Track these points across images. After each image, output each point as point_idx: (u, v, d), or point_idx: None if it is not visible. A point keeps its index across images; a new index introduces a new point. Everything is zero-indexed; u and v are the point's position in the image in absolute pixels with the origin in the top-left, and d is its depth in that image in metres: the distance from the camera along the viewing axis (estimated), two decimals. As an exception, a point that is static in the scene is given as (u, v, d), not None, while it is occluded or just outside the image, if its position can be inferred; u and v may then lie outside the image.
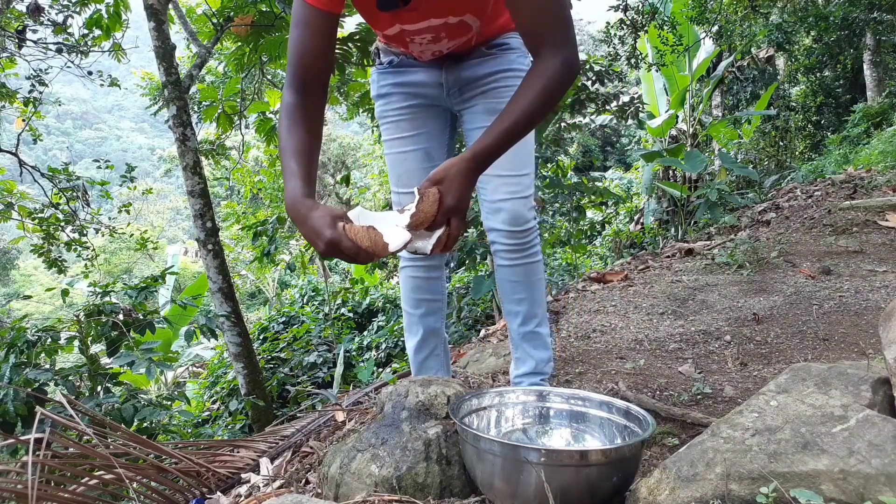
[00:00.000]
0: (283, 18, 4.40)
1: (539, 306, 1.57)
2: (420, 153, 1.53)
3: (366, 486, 1.11)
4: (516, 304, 1.56)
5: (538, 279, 1.55)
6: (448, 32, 1.35)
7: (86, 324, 2.50)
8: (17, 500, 1.04)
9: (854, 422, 0.87)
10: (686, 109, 8.75)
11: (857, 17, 6.99)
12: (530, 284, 1.54)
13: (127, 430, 1.45)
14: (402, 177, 1.54)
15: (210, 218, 4.15)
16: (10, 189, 6.25)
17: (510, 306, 1.57)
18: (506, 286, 1.56)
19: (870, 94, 9.24)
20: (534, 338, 1.58)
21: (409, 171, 1.53)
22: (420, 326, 1.65)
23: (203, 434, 3.88)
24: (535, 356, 1.58)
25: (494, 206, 1.48)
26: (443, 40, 1.37)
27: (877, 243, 3.19)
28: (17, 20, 5.98)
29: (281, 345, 6.04)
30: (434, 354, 1.67)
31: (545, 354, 1.59)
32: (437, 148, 1.56)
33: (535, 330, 1.57)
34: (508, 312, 1.59)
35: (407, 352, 1.72)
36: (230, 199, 13.29)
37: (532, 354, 1.58)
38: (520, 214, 1.46)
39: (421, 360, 1.66)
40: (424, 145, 1.53)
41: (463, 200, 1.06)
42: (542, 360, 1.58)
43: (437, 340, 1.67)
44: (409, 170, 1.52)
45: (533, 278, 1.54)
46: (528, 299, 1.55)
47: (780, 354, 1.93)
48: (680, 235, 6.22)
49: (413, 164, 1.52)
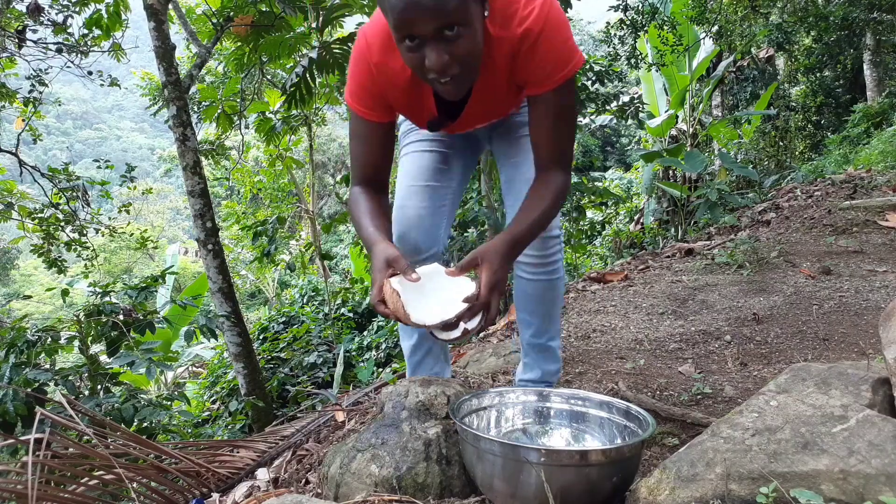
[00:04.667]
0: (283, 18, 4.40)
1: (554, 322, 1.55)
2: (439, 155, 1.52)
3: (366, 486, 1.11)
4: (529, 315, 1.53)
5: (556, 296, 1.52)
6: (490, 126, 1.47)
7: (86, 324, 2.50)
8: (17, 500, 1.04)
9: (854, 422, 0.87)
10: (686, 109, 8.75)
11: (857, 17, 6.99)
12: (547, 301, 1.51)
13: (127, 430, 1.45)
14: (415, 172, 1.51)
15: (210, 218, 4.15)
16: (10, 189, 6.25)
17: (524, 315, 1.54)
18: (522, 297, 1.52)
19: (870, 94, 9.24)
20: (544, 349, 1.56)
21: (424, 167, 1.50)
22: (415, 329, 1.64)
23: (203, 434, 3.87)
24: (543, 367, 1.57)
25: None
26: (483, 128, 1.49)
27: (877, 243, 3.19)
28: (17, 20, 5.98)
29: (281, 345, 6.04)
30: (430, 355, 1.65)
31: (554, 367, 1.58)
32: (458, 158, 1.55)
33: (547, 343, 1.55)
34: (521, 321, 1.56)
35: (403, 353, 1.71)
36: (230, 199, 13.28)
37: (541, 365, 1.57)
38: None
39: (416, 362, 1.64)
40: (446, 150, 1.53)
41: (504, 280, 1.15)
42: (550, 372, 1.57)
43: (432, 342, 1.66)
44: (422, 166, 1.51)
45: (551, 295, 1.50)
46: (543, 314, 1.52)
47: (780, 354, 1.93)
48: (680, 235, 6.22)
49: (429, 163, 1.50)
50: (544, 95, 1.20)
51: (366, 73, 1.22)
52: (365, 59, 1.22)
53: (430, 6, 0.97)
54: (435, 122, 1.33)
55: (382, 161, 1.31)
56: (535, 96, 1.22)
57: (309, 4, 3.98)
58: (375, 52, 1.20)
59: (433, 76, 1.06)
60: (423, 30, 1.00)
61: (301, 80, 4.09)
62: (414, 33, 1.01)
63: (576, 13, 5.28)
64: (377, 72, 1.21)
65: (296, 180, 10.21)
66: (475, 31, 1.04)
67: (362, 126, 1.28)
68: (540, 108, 1.23)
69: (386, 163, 1.32)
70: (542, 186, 1.25)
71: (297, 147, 9.47)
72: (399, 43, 1.05)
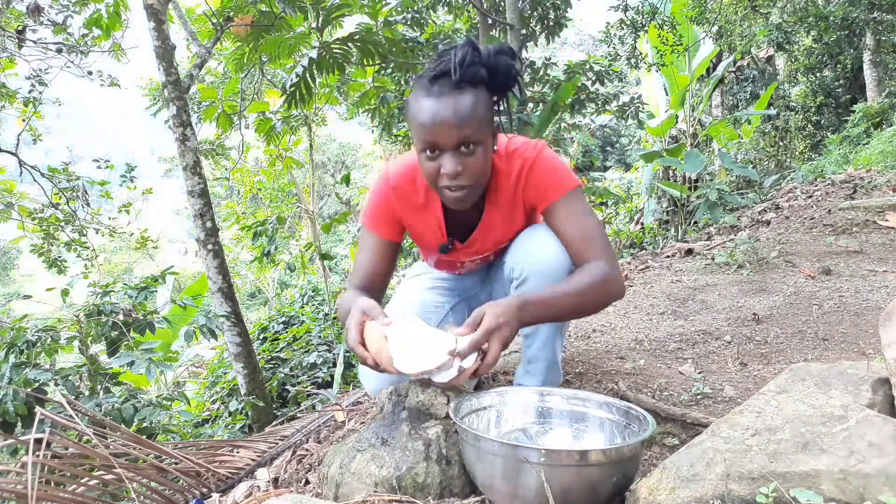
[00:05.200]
0: (283, 18, 4.40)
1: (559, 339, 1.51)
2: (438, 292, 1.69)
3: (366, 486, 1.11)
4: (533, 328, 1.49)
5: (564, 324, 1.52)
6: (497, 255, 1.56)
7: (86, 324, 2.50)
8: (17, 500, 1.04)
9: (854, 422, 0.87)
10: (686, 109, 8.75)
11: (857, 17, 6.98)
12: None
13: (127, 431, 1.45)
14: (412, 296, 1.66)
15: (210, 218, 4.15)
16: (10, 189, 6.25)
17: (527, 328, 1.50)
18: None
19: (870, 94, 9.24)
20: (547, 362, 1.51)
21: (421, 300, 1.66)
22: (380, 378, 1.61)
23: (203, 434, 3.87)
24: (544, 379, 1.52)
25: None
26: (490, 259, 1.59)
27: (877, 243, 3.19)
28: (17, 20, 5.98)
29: (281, 345, 6.03)
30: None
31: (555, 378, 1.54)
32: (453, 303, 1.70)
33: (551, 358, 1.50)
34: (525, 333, 1.51)
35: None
36: (230, 199, 13.28)
37: (541, 377, 1.51)
38: None
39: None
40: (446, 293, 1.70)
41: (508, 330, 1.14)
42: (550, 383, 1.55)
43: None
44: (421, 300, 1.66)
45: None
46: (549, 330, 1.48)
47: (780, 354, 1.93)
48: (680, 235, 6.22)
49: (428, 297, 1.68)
50: (552, 206, 1.35)
51: (384, 194, 1.44)
52: (386, 184, 1.44)
53: (454, 125, 1.19)
54: (443, 247, 1.48)
55: (382, 272, 1.45)
56: (547, 209, 1.36)
57: (309, 4, 3.98)
58: (393, 179, 1.43)
59: (445, 182, 1.25)
60: (445, 143, 1.21)
61: (301, 80, 4.09)
62: (436, 145, 1.22)
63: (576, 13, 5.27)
64: (395, 195, 1.43)
65: (296, 180, 10.22)
66: (487, 153, 1.26)
67: (372, 240, 1.45)
68: (556, 217, 1.35)
69: (385, 275, 1.46)
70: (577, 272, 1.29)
71: (297, 147, 9.47)
72: (421, 153, 1.26)
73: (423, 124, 1.21)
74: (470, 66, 1.20)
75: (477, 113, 1.21)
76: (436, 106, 1.20)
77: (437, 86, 1.21)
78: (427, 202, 1.43)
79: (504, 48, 1.26)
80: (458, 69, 1.19)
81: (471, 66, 1.20)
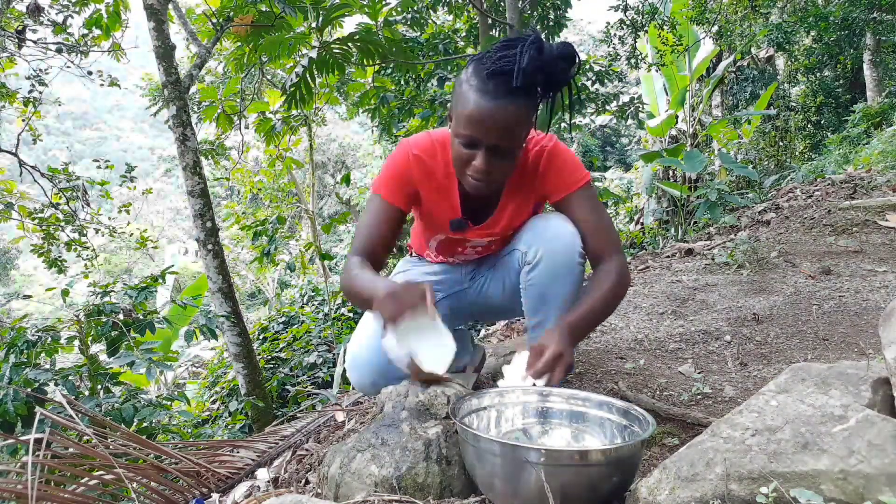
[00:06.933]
0: (283, 18, 4.39)
1: None
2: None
3: (366, 486, 1.11)
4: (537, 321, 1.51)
5: None
6: (498, 245, 1.57)
7: (86, 324, 2.50)
8: (17, 500, 1.04)
9: (854, 422, 0.87)
10: (686, 109, 8.75)
11: (857, 17, 6.98)
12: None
13: (127, 431, 1.45)
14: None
15: (210, 218, 4.15)
16: (10, 189, 6.25)
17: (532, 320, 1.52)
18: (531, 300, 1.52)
19: (870, 94, 9.24)
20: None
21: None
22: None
23: (203, 434, 3.87)
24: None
25: None
26: (490, 248, 1.59)
27: (877, 243, 3.19)
28: (17, 20, 5.98)
29: (281, 345, 6.03)
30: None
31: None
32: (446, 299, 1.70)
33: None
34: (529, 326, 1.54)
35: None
36: (230, 199, 13.29)
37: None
38: None
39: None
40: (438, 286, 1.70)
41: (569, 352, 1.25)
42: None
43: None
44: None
45: None
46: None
47: (780, 354, 1.93)
48: (680, 235, 6.22)
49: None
50: (568, 197, 1.41)
51: (404, 161, 1.42)
52: (406, 151, 1.43)
53: (499, 131, 1.20)
54: (457, 222, 1.48)
55: (386, 239, 1.42)
56: (562, 199, 1.42)
57: (309, 4, 3.98)
58: (416, 148, 1.42)
59: (472, 173, 1.27)
60: (486, 140, 1.21)
61: (301, 80, 4.09)
62: (476, 142, 1.22)
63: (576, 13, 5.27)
64: (415, 162, 1.42)
65: (296, 180, 10.22)
66: (518, 156, 1.29)
67: (380, 205, 1.42)
68: (573, 208, 1.41)
69: (388, 243, 1.43)
70: (600, 274, 1.38)
71: (297, 147, 9.47)
72: (457, 136, 1.25)
73: (469, 117, 1.20)
74: (531, 74, 1.16)
75: (522, 123, 1.22)
76: (487, 105, 1.18)
77: (493, 83, 1.18)
78: (445, 178, 1.43)
79: (566, 52, 1.20)
80: (521, 76, 1.15)
81: (532, 73, 1.16)
